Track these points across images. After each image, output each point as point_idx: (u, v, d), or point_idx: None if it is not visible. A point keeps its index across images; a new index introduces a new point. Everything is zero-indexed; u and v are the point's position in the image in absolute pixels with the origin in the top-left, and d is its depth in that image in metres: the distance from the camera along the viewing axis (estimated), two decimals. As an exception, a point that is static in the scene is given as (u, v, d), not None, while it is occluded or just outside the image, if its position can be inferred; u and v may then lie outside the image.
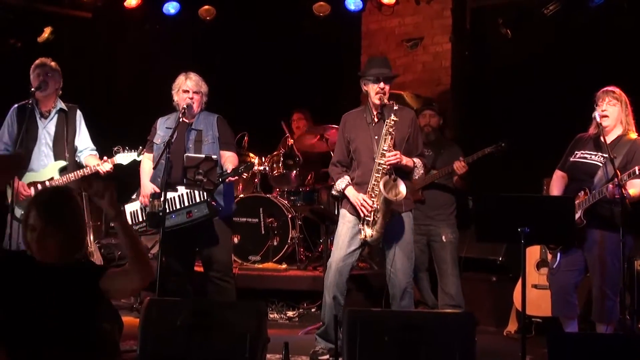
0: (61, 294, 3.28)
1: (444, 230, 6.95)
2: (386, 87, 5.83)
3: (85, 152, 6.57)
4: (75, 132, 6.54)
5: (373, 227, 5.73)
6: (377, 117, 5.89)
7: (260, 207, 8.22)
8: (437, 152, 7.08)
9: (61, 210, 3.36)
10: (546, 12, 7.97)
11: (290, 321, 7.30)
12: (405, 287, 5.88)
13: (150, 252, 8.03)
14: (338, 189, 5.98)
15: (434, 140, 7.14)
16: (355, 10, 9.52)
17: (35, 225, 3.30)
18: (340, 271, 5.88)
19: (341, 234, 5.94)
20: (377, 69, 5.89)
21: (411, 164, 5.84)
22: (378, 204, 5.69)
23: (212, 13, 9.69)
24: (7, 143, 6.41)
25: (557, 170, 5.88)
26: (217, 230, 6.05)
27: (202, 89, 6.19)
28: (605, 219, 5.44)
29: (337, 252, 5.92)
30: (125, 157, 6.39)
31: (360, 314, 4.07)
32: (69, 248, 3.36)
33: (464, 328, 3.94)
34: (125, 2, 9.39)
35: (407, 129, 5.88)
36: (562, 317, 5.76)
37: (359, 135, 5.94)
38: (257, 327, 3.90)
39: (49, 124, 6.43)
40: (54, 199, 3.44)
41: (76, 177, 6.36)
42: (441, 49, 9.33)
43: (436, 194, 7.03)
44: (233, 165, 6.01)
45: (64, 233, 3.34)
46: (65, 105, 6.52)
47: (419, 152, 6.00)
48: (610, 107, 5.55)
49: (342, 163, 6.07)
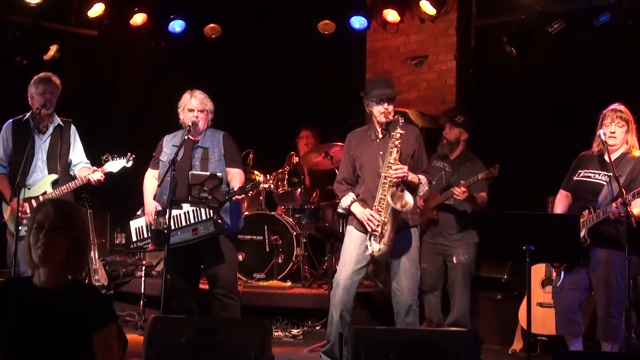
0: (59, 320, 3.22)
1: (456, 251, 6.86)
2: (390, 107, 5.86)
3: (79, 166, 6.59)
4: (70, 146, 6.56)
5: (381, 240, 5.71)
6: (382, 133, 5.92)
7: (265, 224, 8.22)
8: (456, 168, 6.97)
9: (71, 211, 3.31)
10: (551, 31, 7.98)
11: (294, 339, 7.28)
12: (410, 304, 5.86)
13: (155, 270, 8.03)
14: (343, 206, 5.97)
15: (456, 157, 7.06)
16: (360, 29, 9.54)
17: (44, 221, 3.21)
18: (347, 289, 5.87)
19: (348, 251, 5.93)
20: (379, 90, 5.92)
21: (416, 180, 5.84)
22: (386, 217, 5.68)
23: (218, 31, 9.74)
24: (2, 159, 6.44)
25: (561, 190, 5.88)
26: (222, 247, 6.05)
27: (208, 106, 6.21)
28: (610, 237, 5.43)
29: (344, 270, 5.90)
30: (115, 165, 6.41)
31: (365, 332, 4.07)
32: (75, 250, 3.27)
33: (469, 346, 3.94)
34: (131, 20, 9.43)
35: (412, 145, 5.89)
36: (567, 335, 5.74)
37: (365, 151, 5.96)
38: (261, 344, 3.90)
39: (45, 140, 6.46)
40: (64, 201, 3.43)
41: (69, 189, 6.38)
42: (446, 67, 9.35)
43: (452, 213, 6.95)
44: (240, 182, 6.03)
45: (74, 231, 3.26)
46: (61, 120, 6.54)
47: (423, 168, 6.00)
48: (618, 129, 5.55)
49: (347, 181, 6.07)
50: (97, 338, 3.24)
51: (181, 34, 9.60)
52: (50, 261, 3.23)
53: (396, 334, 4.33)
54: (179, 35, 9.62)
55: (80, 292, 3.30)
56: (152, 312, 6.57)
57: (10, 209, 6.31)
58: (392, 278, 5.97)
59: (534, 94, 8.51)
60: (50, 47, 8.93)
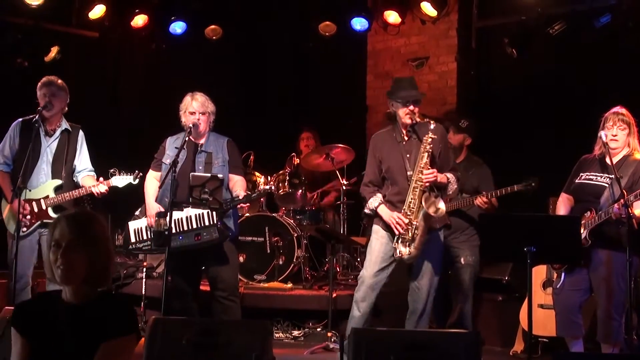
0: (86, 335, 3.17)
1: (463, 252, 6.90)
2: (415, 108, 5.86)
3: (83, 173, 6.57)
4: (76, 152, 6.56)
5: (411, 244, 5.75)
6: (407, 134, 5.94)
7: (266, 226, 8.21)
8: (465, 173, 6.90)
9: (88, 225, 3.24)
10: (552, 32, 7.99)
11: (295, 340, 7.26)
12: (426, 303, 5.92)
13: (156, 271, 8.03)
14: (371, 207, 5.98)
15: (460, 162, 7.03)
16: (361, 30, 9.55)
17: (60, 240, 3.17)
18: (372, 287, 5.92)
19: (374, 250, 5.95)
20: (405, 92, 5.92)
21: (445, 179, 5.85)
22: (417, 221, 5.71)
23: (219, 33, 9.75)
24: (7, 157, 6.43)
25: (563, 193, 5.86)
26: (223, 249, 6.06)
27: (209, 108, 6.20)
28: (611, 239, 5.43)
29: (369, 268, 5.94)
30: (121, 180, 6.37)
31: (366, 333, 4.07)
32: (95, 265, 3.21)
33: (470, 347, 3.93)
34: (131, 22, 9.44)
35: (439, 144, 5.89)
36: (567, 337, 5.74)
37: (390, 154, 5.97)
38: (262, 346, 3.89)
39: (52, 143, 6.45)
40: (80, 215, 3.34)
41: (71, 197, 6.37)
42: (447, 69, 9.36)
43: (459, 216, 6.96)
44: (242, 189, 6.05)
45: (92, 246, 3.21)
46: (69, 125, 6.54)
47: (450, 167, 6.00)
48: (620, 132, 5.55)
49: (374, 183, 6.08)
50: (111, 346, 3.17)
51: (182, 35, 9.62)
52: (70, 280, 3.20)
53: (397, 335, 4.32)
54: (180, 37, 9.64)
55: (106, 305, 3.26)
56: (153, 314, 6.57)
57: (9, 207, 6.31)
58: (412, 277, 5.98)
59: (534, 95, 8.52)
60: (51, 48, 8.94)
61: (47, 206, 6.34)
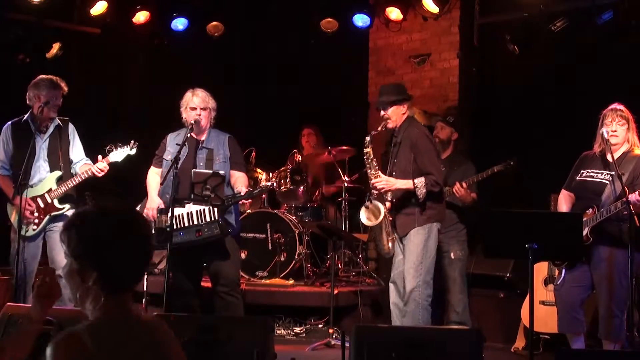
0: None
1: (453, 247, 6.93)
2: (385, 113, 5.99)
3: (79, 163, 6.57)
4: (69, 144, 6.55)
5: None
6: (393, 140, 6.14)
7: (268, 222, 8.21)
8: (450, 168, 7.02)
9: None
10: (554, 29, 7.98)
11: (297, 337, 7.28)
12: (412, 289, 5.96)
13: (158, 268, 8.03)
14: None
15: (447, 156, 7.12)
16: (363, 27, 9.54)
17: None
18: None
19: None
20: (377, 99, 6.18)
21: (410, 185, 5.88)
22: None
23: (220, 29, 9.74)
24: (3, 160, 6.42)
25: (563, 190, 5.87)
26: (224, 245, 6.06)
27: (210, 104, 6.20)
28: (613, 236, 5.43)
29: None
30: (119, 154, 6.36)
31: (367, 330, 4.07)
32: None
33: (472, 344, 3.94)
34: (133, 18, 9.44)
35: (410, 149, 5.94)
36: (568, 333, 5.74)
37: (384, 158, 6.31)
38: (264, 342, 3.90)
39: (45, 139, 6.44)
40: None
41: (73, 183, 6.36)
42: (449, 65, 9.35)
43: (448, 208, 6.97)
44: (244, 185, 6.06)
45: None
46: (59, 119, 6.53)
47: (426, 170, 5.98)
48: (619, 127, 5.55)
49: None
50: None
51: (184, 32, 9.61)
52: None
53: (399, 333, 4.33)
54: (182, 33, 9.63)
55: None
56: (155, 310, 6.58)
57: (15, 211, 6.29)
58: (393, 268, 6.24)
59: (536, 92, 8.51)
60: (53, 45, 8.95)
61: (52, 198, 6.34)
